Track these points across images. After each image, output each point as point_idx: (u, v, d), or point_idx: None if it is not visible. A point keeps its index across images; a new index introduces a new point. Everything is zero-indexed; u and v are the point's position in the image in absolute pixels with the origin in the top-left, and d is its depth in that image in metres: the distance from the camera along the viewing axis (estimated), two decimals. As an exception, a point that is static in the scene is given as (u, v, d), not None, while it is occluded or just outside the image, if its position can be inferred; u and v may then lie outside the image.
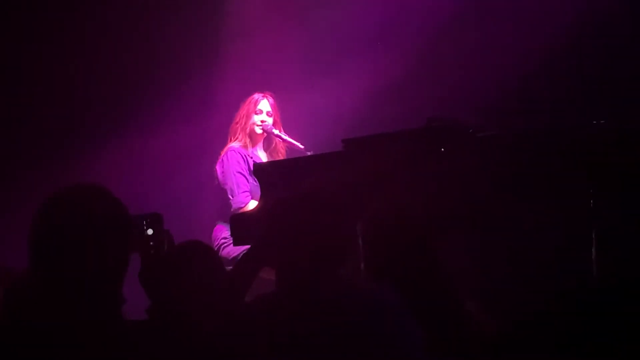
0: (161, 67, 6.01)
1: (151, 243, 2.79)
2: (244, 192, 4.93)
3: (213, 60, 6.09)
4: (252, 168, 4.83)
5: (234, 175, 4.97)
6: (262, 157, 5.14)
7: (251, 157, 5.03)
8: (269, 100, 5.14)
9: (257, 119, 5.10)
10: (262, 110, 5.11)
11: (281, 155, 5.14)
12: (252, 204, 4.85)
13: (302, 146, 4.99)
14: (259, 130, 5.10)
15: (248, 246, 2.98)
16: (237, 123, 5.13)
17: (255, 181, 4.72)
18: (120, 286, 2.13)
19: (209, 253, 3.17)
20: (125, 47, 5.87)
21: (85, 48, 5.78)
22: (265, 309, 2.25)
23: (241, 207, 4.88)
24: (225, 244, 4.90)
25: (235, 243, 4.43)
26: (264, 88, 5.25)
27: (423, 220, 2.66)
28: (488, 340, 2.41)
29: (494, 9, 5.56)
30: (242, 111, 5.14)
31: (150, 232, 2.74)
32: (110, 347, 2.03)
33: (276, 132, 5.08)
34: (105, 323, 2.05)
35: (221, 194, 5.05)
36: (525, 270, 3.58)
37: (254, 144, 5.12)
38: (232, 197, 4.94)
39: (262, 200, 4.44)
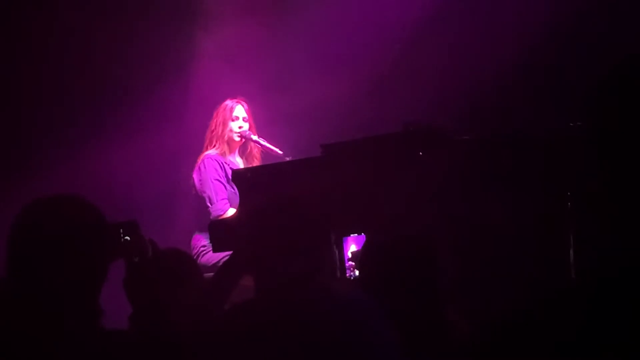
0: (134, 74, 5.97)
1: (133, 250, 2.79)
2: (222, 199, 4.91)
3: (187, 67, 6.07)
4: (229, 175, 4.81)
5: (212, 182, 4.94)
6: (239, 163, 5.11)
7: (228, 164, 5.00)
8: (243, 106, 5.12)
9: (234, 126, 5.08)
10: (239, 117, 5.09)
11: (257, 161, 5.12)
12: (231, 212, 4.83)
13: (280, 152, 4.98)
14: (237, 138, 5.08)
15: (228, 253, 2.98)
16: (213, 131, 5.09)
17: (234, 188, 4.70)
18: (98, 296, 2.12)
19: (187, 260, 3.17)
20: (99, 51, 5.83)
21: (55, 51, 5.73)
22: (244, 316, 2.25)
23: (220, 215, 4.86)
24: (205, 252, 4.88)
25: (215, 249, 4.41)
26: (240, 92, 5.23)
27: (419, 229, 2.67)
28: (465, 345, 2.41)
29: (471, 12, 5.59)
30: (218, 119, 5.10)
31: (127, 239, 2.73)
32: (90, 358, 2.02)
33: (255, 138, 5.06)
34: (83, 334, 2.04)
35: (198, 203, 5.02)
36: (503, 274, 3.59)
37: (231, 151, 5.10)
38: (211, 204, 4.91)
39: (241, 207, 4.42)
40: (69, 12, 5.76)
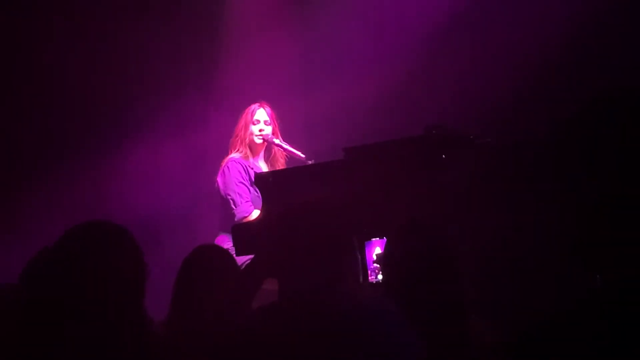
0: (159, 79, 6.01)
1: None
2: (246, 201, 4.93)
3: (212, 71, 6.11)
4: (253, 178, 4.84)
5: (236, 185, 4.96)
6: (263, 167, 5.13)
7: (252, 168, 5.02)
8: (265, 110, 5.14)
9: (255, 129, 5.10)
10: (260, 120, 5.11)
11: (281, 164, 5.14)
12: (256, 213, 4.85)
13: (303, 155, 4.98)
14: (258, 141, 5.10)
15: (251, 256, 2.99)
16: (236, 136, 5.13)
17: (257, 191, 4.72)
18: (142, 301, 2.20)
19: (225, 256, 3.22)
20: (122, 59, 5.88)
21: (80, 59, 5.78)
22: (268, 319, 2.25)
23: (245, 217, 4.87)
24: (228, 254, 4.90)
25: (238, 253, 4.43)
26: (263, 97, 5.26)
27: (441, 233, 2.66)
28: (489, 351, 2.40)
29: (492, 17, 5.58)
30: (240, 123, 5.14)
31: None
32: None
33: (277, 141, 5.08)
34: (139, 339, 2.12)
35: (222, 206, 5.04)
36: (527, 279, 3.57)
37: (254, 155, 5.12)
38: (236, 207, 4.93)
39: (264, 210, 4.44)
40: (97, 23, 5.81)
